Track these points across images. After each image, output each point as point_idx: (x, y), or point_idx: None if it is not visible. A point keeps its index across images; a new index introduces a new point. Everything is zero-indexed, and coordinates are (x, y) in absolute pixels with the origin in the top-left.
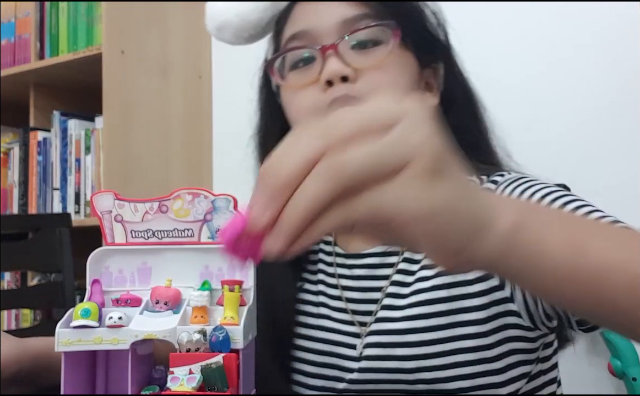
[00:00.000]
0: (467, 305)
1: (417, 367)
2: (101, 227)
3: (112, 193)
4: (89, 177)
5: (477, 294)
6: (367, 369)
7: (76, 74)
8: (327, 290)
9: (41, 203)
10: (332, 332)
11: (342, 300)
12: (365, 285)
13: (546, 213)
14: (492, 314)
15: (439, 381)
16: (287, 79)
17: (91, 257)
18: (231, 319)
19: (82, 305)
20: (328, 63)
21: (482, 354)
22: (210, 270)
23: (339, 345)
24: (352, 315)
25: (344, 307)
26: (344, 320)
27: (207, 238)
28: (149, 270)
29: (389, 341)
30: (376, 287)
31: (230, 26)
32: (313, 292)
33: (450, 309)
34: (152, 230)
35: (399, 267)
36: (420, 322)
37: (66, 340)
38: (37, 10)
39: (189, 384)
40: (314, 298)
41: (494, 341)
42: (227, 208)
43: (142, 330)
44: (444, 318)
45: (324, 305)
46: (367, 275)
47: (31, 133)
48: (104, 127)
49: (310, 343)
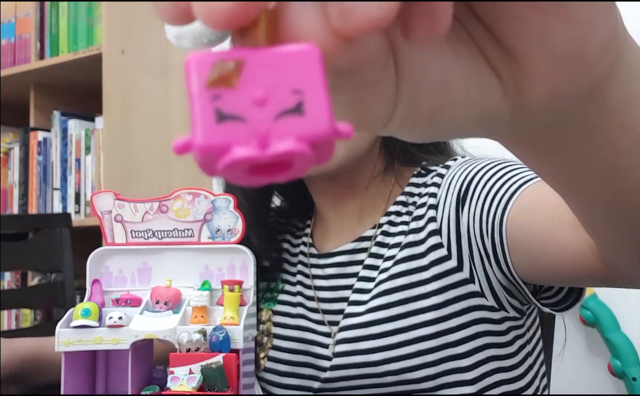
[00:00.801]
0: (424, 291)
1: (383, 359)
2: (101, 227)
3: (112, 193)
4: (89, 177)
5: (432, 279)
6: (339, 366)
7: (76, 74)
8: (304, 290)
9: (41, 204)
10: (307, 332)
11: (315, 300)
12: (336, 283)
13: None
14: (451, 298)
15: (406, 371)
16: None
17: (91, 257)
18: (231, 319)
19: (82, 305)
20: None
21: (444, 339)
22: (210, 270)
23: (314, 345)
24: (323, 315)
25: (317, 307)
26: (318, 320)
27: (207, 238)
28: (149, 270)
29: (354, 336)
30: (346, 285)
31: (190, 33)
32: (292, 293)
33: (408, 297)
34: (152, 230)
35: (365, 262)
36: (381, 313)
37: (66, 340)
38: (37, 10)
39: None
40: (293, 299)
41: (455, 326)
42: (227, 208)
43: (142, 330)
44: (402, 307)
45: (301, 305)
46: (338, 274)
47: (31, 133)
48: (104, 127)
49: (287, 342)
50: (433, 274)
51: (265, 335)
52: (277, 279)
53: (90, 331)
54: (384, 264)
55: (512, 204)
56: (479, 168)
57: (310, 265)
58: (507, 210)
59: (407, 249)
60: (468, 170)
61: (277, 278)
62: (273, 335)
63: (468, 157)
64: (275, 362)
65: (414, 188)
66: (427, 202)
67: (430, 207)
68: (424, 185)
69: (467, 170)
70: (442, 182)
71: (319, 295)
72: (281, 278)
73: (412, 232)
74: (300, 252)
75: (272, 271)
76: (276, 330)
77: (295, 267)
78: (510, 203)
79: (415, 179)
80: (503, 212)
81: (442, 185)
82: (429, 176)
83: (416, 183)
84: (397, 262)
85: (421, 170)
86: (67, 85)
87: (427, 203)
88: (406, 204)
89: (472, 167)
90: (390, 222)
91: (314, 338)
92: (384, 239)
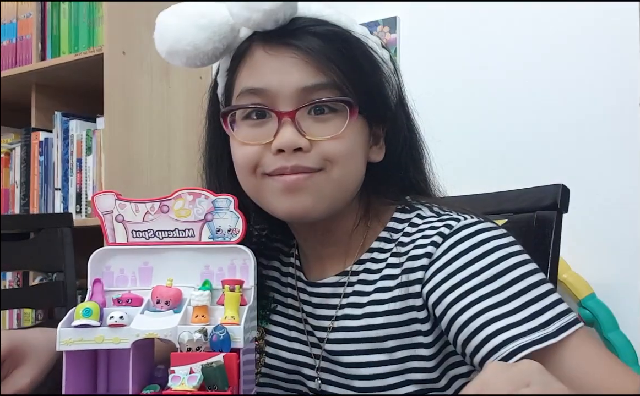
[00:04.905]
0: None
1: (367, 387)
2: (102, 227)
3: (113, 193)
4: (90, 177)
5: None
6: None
7: (78, 74)
8: (295, 313)
9: (43, 204)
10: (300, 354)
11: (304, 325)
12: (321, 313)
13: None
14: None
15: None
16: (239, 127)
17: (92, 257)
18: (232, 319)
19: (83, 305)
20: (283, 131)
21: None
22: (211, 270)
23: (306, 367)
24: (311, 346)
25: (305, 340)
26: (306, 345)
27: (207, 238)
28: (150, 270)
29: (336, 363)
30: (328, 315)
31: (184, 54)
32: (285, 315)
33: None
34: (153, 230)
35: (349, 299)
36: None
37: (68, 339)
38: (38, 11)
39: (189, 383)
40: (287, 321)
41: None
42: (228, 208)
43: (143, 330)
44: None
45: (295, 329)
46: (322, 304)
47: (33, 133)
48: (105, 128)
49: (280, 362)
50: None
51: (257, 352)
52: (268, 297)
53: (91, 330)
54: (369, 300)
55: None
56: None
57: (298, 289)
58: None
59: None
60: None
61: (267, 296)
62: (266, 354)
63: (435, 212)
64: (270, 378)
65: (397, 224)
66: (420, 255)
67: (421, 268)
68: (412, 224)
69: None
70: (440, 252)
71: (308, 321)
72: (273, 298)
73: (405, 272)
74: (289, 274)
75: (262, 288)
76: (269, 350)
77: (286, 288)
78: None
79: (399, 214)
80: None
81: (440, 257)
82: (413, 214)
83: (399, 219)
84: (378, 297)
85: (405, 206)
86: (68, 85)
87: (420, 256)
88: (389, 241)
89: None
90: (372, 259)
91: (305, 360)
92: (366, 277)
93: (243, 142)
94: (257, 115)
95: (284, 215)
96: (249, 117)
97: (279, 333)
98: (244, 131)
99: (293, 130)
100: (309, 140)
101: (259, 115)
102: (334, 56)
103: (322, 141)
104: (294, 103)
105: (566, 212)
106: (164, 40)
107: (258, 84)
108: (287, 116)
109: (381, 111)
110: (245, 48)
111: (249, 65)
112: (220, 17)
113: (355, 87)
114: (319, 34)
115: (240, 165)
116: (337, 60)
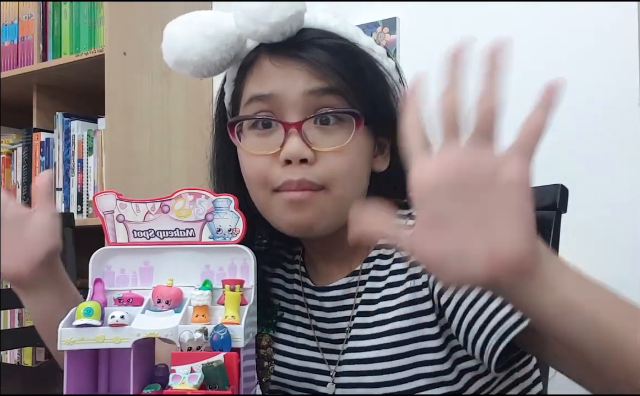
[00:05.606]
0: (428, 321)
1: (388, 393)
2: (103, 227)
3: (114, 193)
4: (91, 178)
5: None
6: None
7: (79, 75)
8: (303, 320)
9: None
10: (310, 361)
11: (311, 328)
12: (335, 316)
13: None
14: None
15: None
16: (246, 136)
17: (93, 257)
18: (232, 318)
19: (84, 304)
20: (290, 142)
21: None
22: (211, 270)
23: (317, 373)
24: (319, 343)
25: (313, 335)
26: (317, 351)
27: (208, 238)
28: (150, 270)
29: (359, 370)
30: (344, 316)
31: (191, 64)
32: (293, 322)
33: (413, 326)
34: (154, 230)
35: (363, 297)
36: (385, 351)
37: (69, 339)
38: (39, 12)
39: (190, 382)
40: (294, 328)
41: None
42: (228, 208)
43: (144, 329)
44: (407, 342)
45: (303, 335)
46: (336, 307)
47: (34, 134)
48: (106, 128)
49: (290, 370)
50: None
51: (266, 360)
52: (274, 305)
53: (92, 330)
54: (381, 296)
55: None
56: None
57: (305, 295)
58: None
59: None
60: None
61: (273, 304)
62: (275, 362)
63: None
64: (280, 386)
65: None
66: None
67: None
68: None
69: None
70: None
71: (318, 327)
72: (279, 305)
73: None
74: (294, 281)
75: (267, 296)
76: (277, 357)
77: (292, 295)
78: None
79: (402, 211)
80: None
81: None
82: None
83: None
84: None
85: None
86: (69, 86)
87: None
88: None
89: None
90: (381, 255)
91: (316, 366)
92: (377, 273)
93: (250, 153)
94: (263, 124)
95: (288, 228)
96: (256, 126)
97: (287, 340)
98: (251, 140)
99: (299, 141)
100: (314, 151)
101: (266, 124)
102: (339, 67)
103: (326, 153)
104: (300, 110)
105: (565, 212)
106: (171, 50)
107: (265, 90)
108: (294, 127)
109: (387, 122)
110: (253, 58)
111: (256, 75)
112: (228, 27)
113: (360, 98)
114: (325, 47)
115: (250, 178)
116: (342, 71)
